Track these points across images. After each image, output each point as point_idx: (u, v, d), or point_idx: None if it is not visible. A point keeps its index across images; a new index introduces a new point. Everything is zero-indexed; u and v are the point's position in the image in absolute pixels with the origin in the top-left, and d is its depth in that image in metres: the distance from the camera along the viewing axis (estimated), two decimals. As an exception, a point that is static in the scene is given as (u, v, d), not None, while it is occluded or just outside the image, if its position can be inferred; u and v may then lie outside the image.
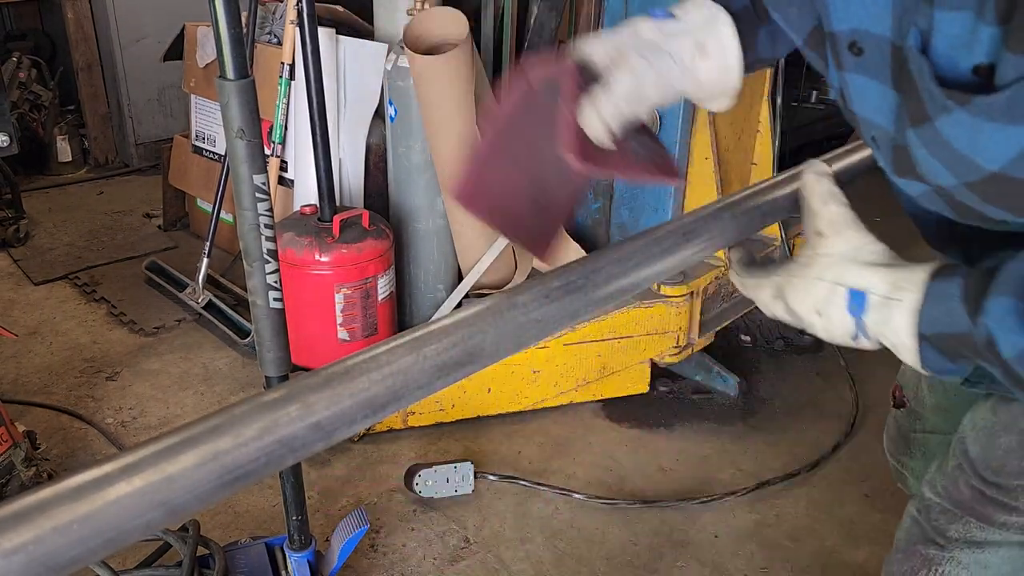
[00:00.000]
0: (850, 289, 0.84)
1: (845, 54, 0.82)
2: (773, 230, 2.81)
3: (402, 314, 2.88)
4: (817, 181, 0.92)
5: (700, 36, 0.91)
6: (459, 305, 2.77)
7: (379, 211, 2.82)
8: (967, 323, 0.77)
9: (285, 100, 2.92)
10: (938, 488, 1.09)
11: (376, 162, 3.00)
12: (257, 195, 1.46)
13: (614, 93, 0.88)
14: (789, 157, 2.87)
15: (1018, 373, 0.75)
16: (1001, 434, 1.00)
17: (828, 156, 1.04)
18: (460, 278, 2.84)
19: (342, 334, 2.56)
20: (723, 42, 0.92)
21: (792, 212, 0.98)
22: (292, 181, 3.07)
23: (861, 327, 0.84)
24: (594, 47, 0.91)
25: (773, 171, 2.83)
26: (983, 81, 0.69)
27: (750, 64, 0.95)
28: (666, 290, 2.57)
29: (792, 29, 0.92)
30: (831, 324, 0.86)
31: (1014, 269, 0.75)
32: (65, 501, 0.48)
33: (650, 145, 0.98)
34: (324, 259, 2.47)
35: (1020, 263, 0.75)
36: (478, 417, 2.59)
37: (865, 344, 0.86)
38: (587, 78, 0.91)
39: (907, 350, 0.83)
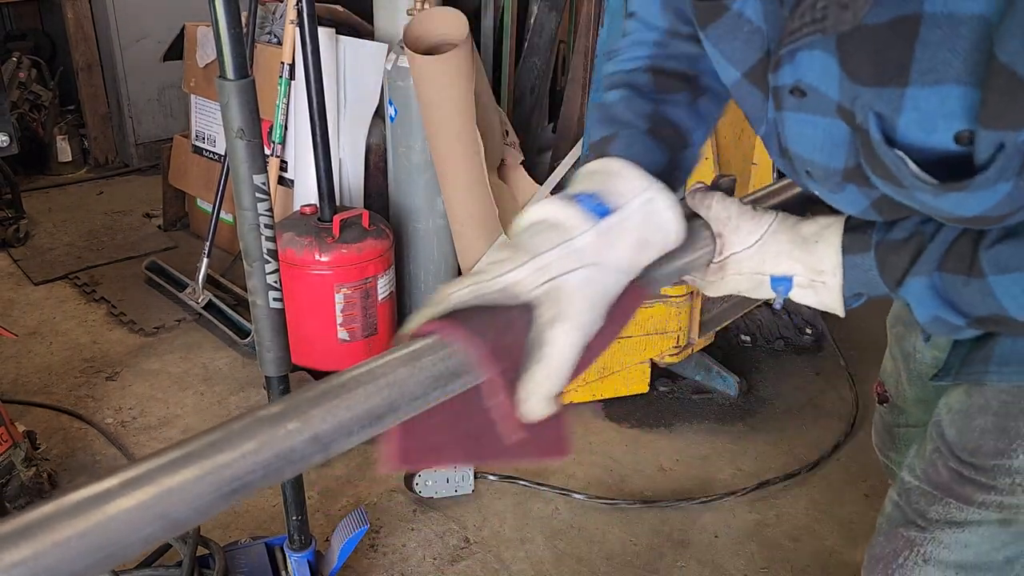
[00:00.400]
0: (772, 277, 0.91)
1: (786, 97, 0.82)
2: None
3: (402, 314, 2.88)
4: (690, 197, 0.95)
5: (641, 233, 0.80)
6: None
7: (379, 211, 2.82)
8: (884, 288, 0.88)
9: (285, 100, 2.92)
10: (917, 472, 1.11)
11: (376, 162, 3.00)
12: (257, 195, 1.46)
13: (556, 365, 0.73)
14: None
15: (929, 331, 0.89)
16: (976, 416, 1.03)
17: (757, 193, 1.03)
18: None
19: (342, 334, 2.56)
20: (665, 228, 0.82)
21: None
22: (292, 181, 3.07)
23: (783, 297, 0.92)
24: (520, 273, 0.73)
25: (773, 171, 2.83)
26: (965, 150, 0.70)
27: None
28: (666, 290, 2.57)
29: (733, 63, 0.88)
30: (754, 296, 0.94)
31: (932, 250, 0.83)
32: (65, 516, 0.49)
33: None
34: (324, 259, 2.47)
35: (938, 245, 0.83)
36: (478, 417, 2.59)
37: (776, 306, 0.95)
38: (505, 323, 0.72)
39: (836, 311, 0.92)
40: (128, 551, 0.51)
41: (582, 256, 0.75)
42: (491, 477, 2.38)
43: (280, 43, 3.00)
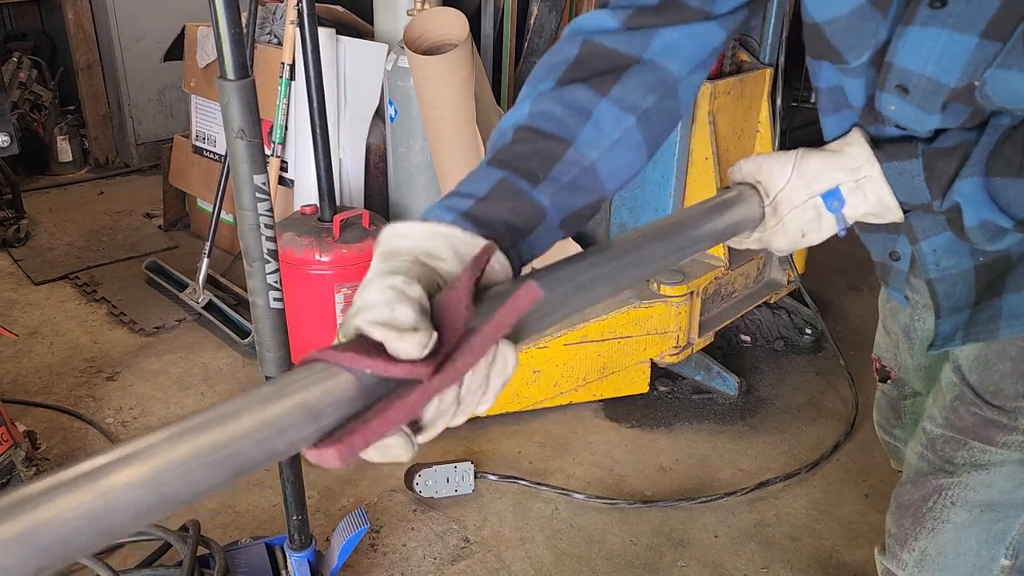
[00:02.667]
0: (822, 194, 0.95)
1: (921, 8, 0.85)
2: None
3: (402, 314, 2.88)
4: (730, 176, 1.02)
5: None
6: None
7: (379, 211, 2.82)
8: (927, 196, 0.91)
9: (285, 100, 2.92)
10: (938, 420, 1.18)
11: (376, 162, 3.01)
12: (257, 195, 1.46)
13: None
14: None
15: (972, 238, 0.91)
16: (995, 362, 1.10)
17: None
18: (460, 278, 2.83)
19: (342, 334, 2.56)
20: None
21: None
22: (292, 181, 3.07)
23: (842, 220, 0.96)
24: None
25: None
26: None
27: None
28: (666, 290, 2.57)
29: None
30: (819, 234, 0.97)
31: (978, 154, 0.87)
32: (61, 491, 0.49)
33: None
34: (324, 259, 2.47)
35: (983, 147, 0.87)
36: (478, 417, 2.60)
37: (836, 231, 0.98)
38: None
39: (891, 210, 0.95)
40: (124, 526, 0.51)
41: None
42: (491, 477, 2.38)
43: (280, 43, 3.00)
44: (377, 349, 0.64)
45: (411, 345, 0.63)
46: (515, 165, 0.82)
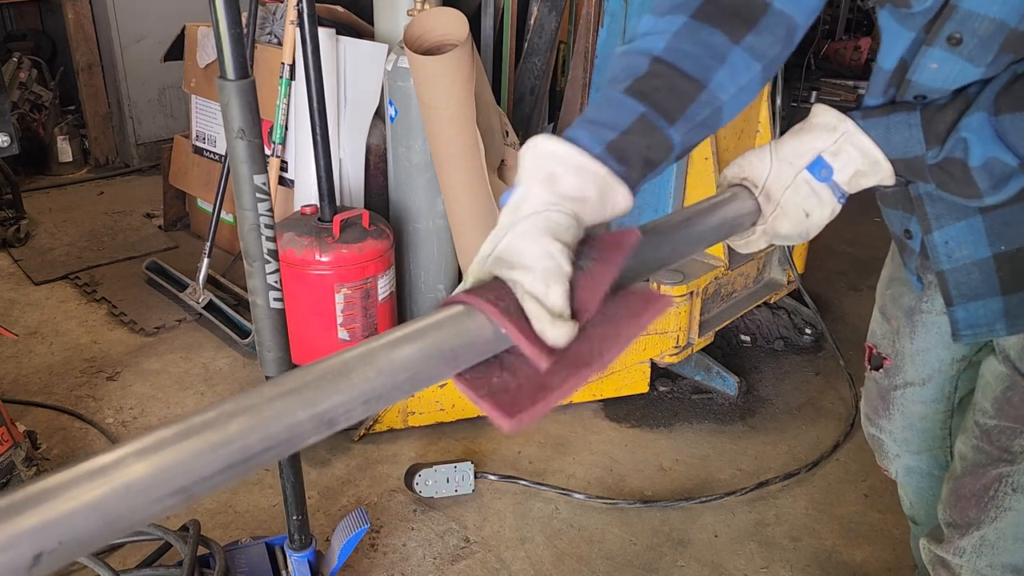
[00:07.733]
0: (808, 167, 0.94)
1: None
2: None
3: (402, 314, 2.89)
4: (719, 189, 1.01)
5: (541, 172, 0.81)
6: (459, 305, 2.77)
7: (379, 211, 2.82)
8: (922, 147, 0.92)
9: (285, 100, 2.92)
10: (990, 412, 1.20)
11: (376, 162, 3.01)
12: (257, 195, 1.46)
13: (532, 284, 0.75)
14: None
15: (975, 179, 0.90)
16: None
17: None
18: (460, 278, 2.84)
19: (342, 334, 2.56)
20: (559, 157, 0.81)
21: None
22: (292, 181, 3.07)
23: (837, 188, 0.95)
24: (485, 248, 0.80)
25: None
26: None
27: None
28: (666, 290, 2.57)
29: None
30: (822, 209, 0.95)
31: (989, 92, 0.89)
32: (75, 485, 0.51)
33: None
34: (324, 259, 2.47)
35: (993, 87, 0.89)
36: (478, 417, 2.60)
37: (837, 201, 0.96)
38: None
39: (879, 163, 0.94)
40: (134, 519, 0.52)
41: (504, 227, 0.79)
42: (491, 477, 2.38)
43: (280, 43, 3.00)
44: (517, 311, 0.72)
45: (559, 335, 0.71)
46: (654, 100, 0.86)
